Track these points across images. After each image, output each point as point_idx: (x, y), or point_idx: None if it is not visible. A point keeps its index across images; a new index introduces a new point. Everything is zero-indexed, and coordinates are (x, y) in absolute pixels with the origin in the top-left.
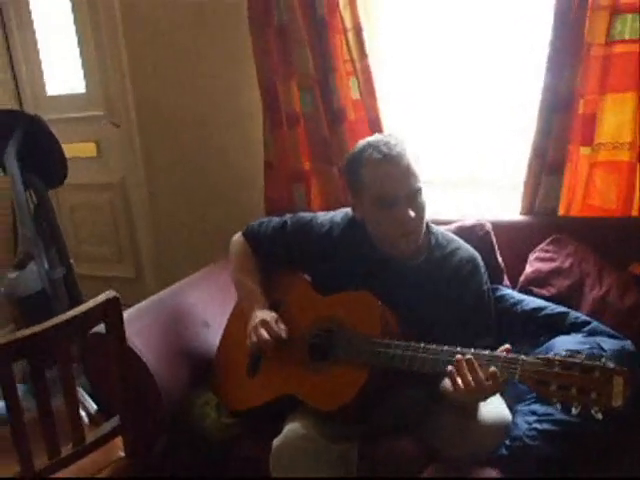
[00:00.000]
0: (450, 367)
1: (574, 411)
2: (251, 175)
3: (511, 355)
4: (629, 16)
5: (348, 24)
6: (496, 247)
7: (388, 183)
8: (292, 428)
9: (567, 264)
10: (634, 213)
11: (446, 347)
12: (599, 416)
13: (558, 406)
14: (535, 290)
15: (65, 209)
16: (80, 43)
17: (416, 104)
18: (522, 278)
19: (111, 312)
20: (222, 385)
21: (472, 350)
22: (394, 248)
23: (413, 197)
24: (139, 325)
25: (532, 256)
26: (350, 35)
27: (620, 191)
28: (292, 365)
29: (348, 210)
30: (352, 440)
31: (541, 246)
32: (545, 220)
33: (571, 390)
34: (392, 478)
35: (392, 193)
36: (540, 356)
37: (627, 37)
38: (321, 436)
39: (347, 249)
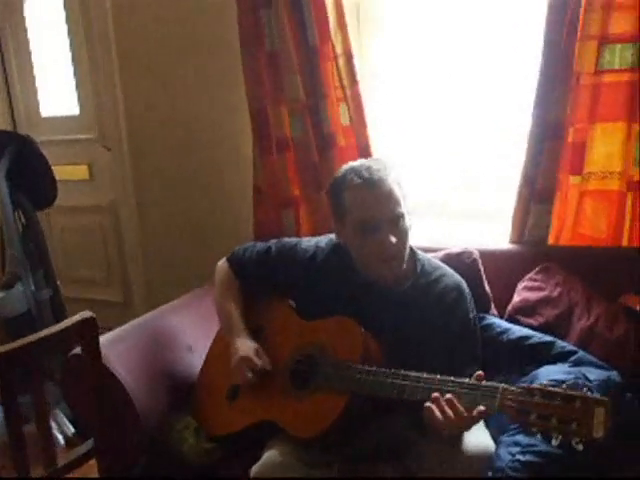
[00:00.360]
0: (428, 403)
1: (554, 442)
2: (241, 200)
3: (491, 384)
4: (618, 46)
5: (339, 50)
6: (483, 275)
7: (369, 208)
8: (271, 455)
9: (556, 293)
10: (624, 243)
11: (426, 375)
12: (580, 447)
13: (539, 436)
14: (523, 319)
15: (56, 231)
16: (75, 67)
17: (406, 131)
18: (510, 307)
19: (87, 333)
20: (202, 409)
21: (452, 378)
22: (377, 273)
23: (395, 222)
24: (120, 347)
25: (520, 285)
26: (341, 61)
27: (610, 220)
28: (273, 391)
29: (333, 236)
30: (332, 466)
31: (530, 275)
32: (534, 249)
33: (551, 420)
34: (384, 478)
35: (374, 217)
36: (520, 385)
37: (616, 67)
38: (300, 462)
39: (331, 274)
